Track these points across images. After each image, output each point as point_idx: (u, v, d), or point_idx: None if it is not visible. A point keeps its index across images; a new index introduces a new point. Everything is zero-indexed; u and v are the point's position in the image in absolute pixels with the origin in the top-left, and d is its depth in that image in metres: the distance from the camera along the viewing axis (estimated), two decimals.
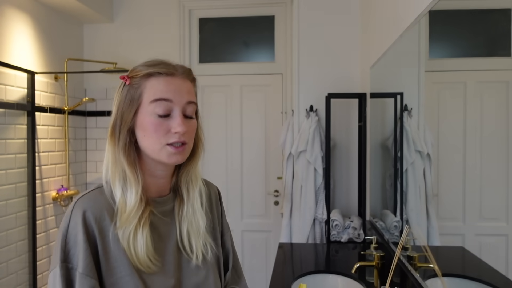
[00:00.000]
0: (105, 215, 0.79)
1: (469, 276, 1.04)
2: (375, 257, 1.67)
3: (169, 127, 0.80)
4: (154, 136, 0.79)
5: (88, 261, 0.75)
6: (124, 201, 0.80)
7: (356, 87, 2.64)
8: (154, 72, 0.80)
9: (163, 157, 0.81)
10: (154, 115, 0.79)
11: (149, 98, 0.79)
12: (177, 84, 0.81)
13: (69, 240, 0.76)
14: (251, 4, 3.20)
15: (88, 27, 3.30)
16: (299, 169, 2.57)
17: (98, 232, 0.77)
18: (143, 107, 0.80)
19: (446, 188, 1.17)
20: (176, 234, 0.87)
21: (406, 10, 1.53)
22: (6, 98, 2.42)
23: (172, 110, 0.80)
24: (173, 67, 0.83)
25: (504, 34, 0.85)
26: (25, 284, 2.58)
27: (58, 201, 2.87)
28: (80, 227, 0.76)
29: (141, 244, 0.78)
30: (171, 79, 0.81)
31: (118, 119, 0.82)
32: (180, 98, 0.80)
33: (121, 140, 0.81)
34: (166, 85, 0.80)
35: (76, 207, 0.78)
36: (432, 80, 1.28)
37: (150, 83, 0.80)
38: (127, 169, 0.80)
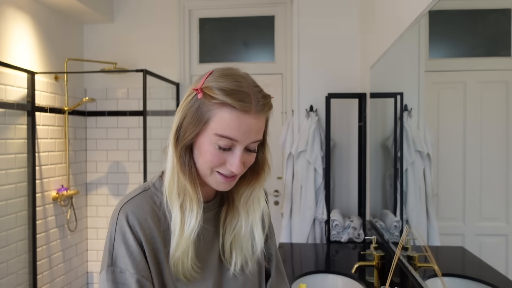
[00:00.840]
0: (150, 222, 0.78)
1: (469, 276, 1.04)
2: (375, 257, 1.67)
3: (226, 160, 0.76)
4: (208, 164, 0.76)
5: (138, 262, 0.75)
6: (182, 222, 0.77)
7: (356, 87, 2.64)
8: (229, 104, 0.72)
9: (210, 182, 0.79)
10: (215, 147, 0.75)
11: (215, 129, 0.73)
12: (249, 124, 0.74)
13: (117, 244, 0.76)
14: (251, 4, 3.20)
15: (88, 27, 3.30)
16: (299, 169, 2.57)
17: (143, 237, 0.77)
18: (206, 133, 0.75)
19: (446, 188, 1.17)
20: (219, 242, 0.86)
21: (406, 10, 1.53)
22: (6, 98, 2.42)
23: (234, 146, 0.75)
24: (250, 100, 0.74)
25: (504, 34, 0.85)
26: (25, 284, 2.58)
27: (58, 201, 2.87)
28: (128, 230, 0.76)
29: (188, 254, 0.77)
30: (244, 117, 0.73)
31: (183, 130, 0.76)
32: (246, 138, 0.75)
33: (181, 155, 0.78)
34: (237, 124, 0.73)
35: (121, 212, 0.78)
36: (432, 80, 1.28)
37: (221, 114, 0.73)
38: (189, 187, 0.77)
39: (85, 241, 3.30)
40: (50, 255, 2.84)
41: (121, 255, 0.75)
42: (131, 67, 3.19)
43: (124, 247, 0.76)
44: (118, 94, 3.27)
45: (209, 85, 0.75)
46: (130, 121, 3.26)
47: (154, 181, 0.84)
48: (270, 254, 0.99)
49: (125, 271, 0.74)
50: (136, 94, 3.22)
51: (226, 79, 0.75)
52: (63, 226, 2.98)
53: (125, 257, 0.75)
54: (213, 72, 0.78)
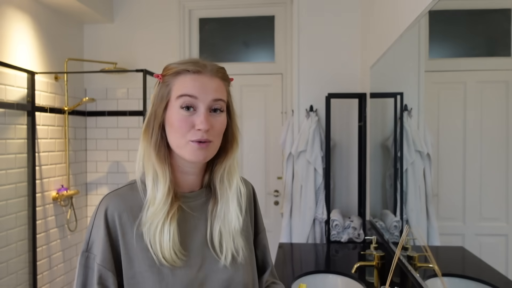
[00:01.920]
0: (130, 212, 0.82)
1: (469, 276, 1.04)
2: (375, 257, 1.67)
3: (194, 123, 0.81)
4: (179, 132, 0.81)
5: (106, 254, 0.79)
6: (154, 196, 0.82)
7: (356, 87, 2.64)
8: (182, 69, 0.82)
9: (186, 154, 0.82)
10: (179, 110, 0.81)
11: (176, 94, 0.81)
12: (203, 81, 0.82)
13: (93, 232, 0.82)
14: (251, 4, 3.20)
15: (88, 27, 3.30)
16: (299, 169, 2.57)
17: (119, 228, 0.81)
18: (171, 103, 0.82)
19: (446, 188, 1.17)
20: (206, 230, 0.87)
21: (406, 10, 1.53)
22: (6, 98, 2.42)
23: (197, 107, 0.81)
24: (202, 65, 0.83)
25: (504, 34, 0.85)
26: (25, 284, 2.58)
27: (58, 201, 2.87)
28: (102, 222, 0.80)
29: (167, 239, 0.80)
30: (197, 76, 0.82)
31: (152, 115, 0.84)
32: (205, 95, 0.81)
33: (153, 136, 0.83)
34: (193, 82, 0.81)
35: (102, 203, 0.83)
36: (432, 80, 1.28)
37: (178, 80, 0.82)
38: (156, 164, 0.82)
39: None
40: (50, 255, 2.84)
41: (95, 243, 0.81)
42: (131, 67, 3.19)
43: (98, 236, 0.81)
44: (118, 94, 3.27)
45: (165, 66, 0.86)
46: (130, 121, 3.26)
47: (140, 176, 0.87)
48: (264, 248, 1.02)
49: (95, 257, 0.80)
50: (136, 94, 3.22)
51: (180, 60, 0.86)
52: (63, 226, 2.98)
53: (98, 245, 0.80)
54: None
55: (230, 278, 0.86)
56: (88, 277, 0.80)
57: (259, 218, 1.03)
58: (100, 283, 0.78)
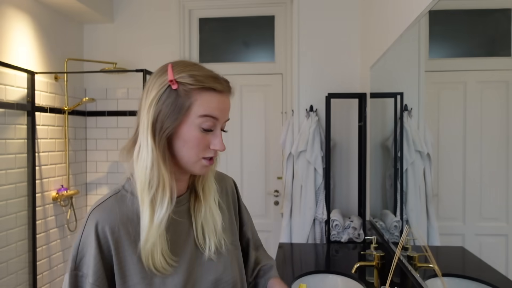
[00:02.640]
0: (122, 226, 0.79)
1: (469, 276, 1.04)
2: (375, 257, 1.67)
3: (209, 143, 0.81)
4: (195, 150, 0.80)
5: (100, 273, 0.76)
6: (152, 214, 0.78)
7: (356, 87, 2.64)
8: (209, 87, 0.79)
9: (196, 169, 0.83)
10: (199, 130, 0.79)
11: (199, 111, 0.78)
12: (226, 103, 0.82)
13: (81, 249, 0.77)
14: (251, 4, 3.20)
15: (88, 27, 3.30)
16: (299, 169, 2.57)
17: (112, 243, 0.77)
18: (189, 119, 0.78)
19: (446, 188, 1.17)
20: (193, 231, 0.88)
21: (406, 10, 1.53)
22: (6, 98, 2.42)
23: (215, 128, 0.81)
24: (221, 82, 0.81)
25: (504, 34, 0.85)
26: (25, 284, 2.58)
27: (58, 201, 2.87)
28: (93, 239, 0.76)
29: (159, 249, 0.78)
30: (222, 97, 0.81)
31: (159, 123, 0.78)
32: (224, 117, 0.82)
33: (161, 146, 0.78)
34: (218, 103, 0.80)
35: (90, 218, 0.78)
36: (432, 80, 1.28)
37: (203, 97, 0.78)
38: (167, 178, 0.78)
39: None
40: (50, 255, 2.84)
41: (84, 261, 0.77)
42: (131, 67, 3.19)
43: (88, 253, 0.76)
44: (118, 94, 3.27)
45: (181, 75, 0.78)
46: (130, 121, 3.26)
47: (123, 184, 0.84)
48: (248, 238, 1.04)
49: (86, 276, 0.76)
50: (136, 94, 3.22)
51: (193, 67, 0.80)
52: (63, 226, 2.98)
53: (88, 263, 0.76)
54: (174, 65, 0.81)
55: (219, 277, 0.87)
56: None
57: (243, 210, 1.05)
58: None
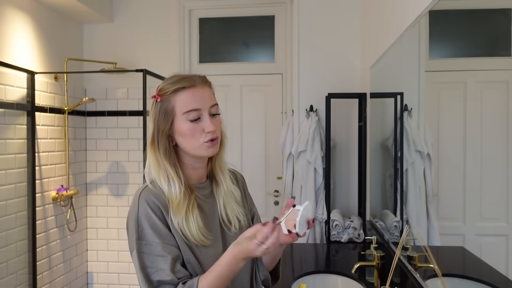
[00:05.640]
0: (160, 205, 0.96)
1: (469, 276, 1.04)
2: (375, 257, 1.67)
3: (202, 128, 0.97)
4: (193, 139, 0.97)
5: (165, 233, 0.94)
6: (172, 194, 0.97)
7: (356, 87, 2.64)
8: (178, 88, 0.97)
9: (202, 153, 0.99)
10: (188, 122, 0.97)
11: (181, 110, 0.97)
12: (200, 93, 0.98)
13: (141, 223, 0.94)
14: (251, 4, 3.20)
15: (88, 27, 3.29)
16: (299, 169, 2.57)
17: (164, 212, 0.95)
18: (177, 118, 0.97)
19: (446, 188, 1.17)
20: (218, 211, 1.05)
21: (406, 10, 1.53)
22: (6, 98, 2.42)
23: (201, 115, 0.98)
24: (192, 79, 0.99)
25: (504, 34, 0.85)
26: (25, 284, 2.58)
27: (58, 201, 2.87)
28: (150, 211, 0.94)
29: (194, 224, 0.96)
30: (193, 90, 0.98)
31: (155, 129, 0.99)
32: (204, 104, 0.98)
33: (161, 147, 0.99)
34: (193, 97, 0.97)
35: (141, 197, 0.96)
36: (432, 80, 1.28)
37: (178, 97, 0.97)
38: (170, 169, 0.98)
39: (85, 241, 3.30)
40: (50, 255, 2.84)
41: (146, 231, 0.93)
42: (131, 67, 3.19)
43: (148, 224, 0.93)
44: (118, 94, 3.27)
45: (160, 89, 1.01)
46: (130, 121, 3.26)
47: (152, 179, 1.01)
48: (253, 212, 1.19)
49: (150, 243, 0.92)
50: (136, 94, 3.22)
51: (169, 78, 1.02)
52: (63, 226, 2.98)
53: (149, 231, 0.93)
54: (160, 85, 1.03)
55: None
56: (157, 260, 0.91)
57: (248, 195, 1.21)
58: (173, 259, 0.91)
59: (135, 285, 3.27)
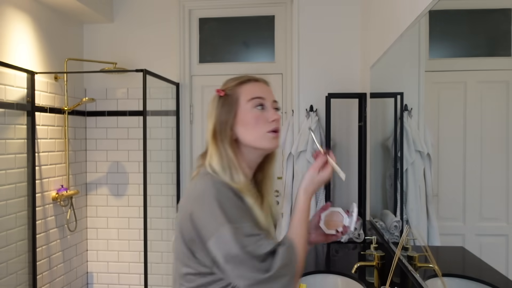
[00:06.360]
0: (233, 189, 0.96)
1: (469, 276, 1.04)
2: (375, 257, 1.67)
3: (267, 117, 1.00)
4: (256, 127, 0.99)
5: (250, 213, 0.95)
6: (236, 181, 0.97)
7: (356, 87, 2.64)
8: (244, 80, 1.03)
9: (265, 143, 1.01)
10: (253, 110, 1.00)
11: (246, 98, 1.00)
12: (264, 87, 1.05)
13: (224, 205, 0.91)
14: (251, 4, 3.20)
15: (88, 27, 3.29)
16: (299, 169, 2.57)
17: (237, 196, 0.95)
18: (241, 107, 1.00)
19: (446, 188, 1.17)
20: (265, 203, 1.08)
21: (406, 10, 1.53)
22: (6, 98, 2.42)
23: (265, 106, 1.02)
24: (254, 76, 1.06)
25: (504, 34, 0.85)
26: (25, 284, 2.58)
27: (58, 201, 2.87)
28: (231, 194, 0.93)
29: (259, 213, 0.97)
30: (259, 84, 1.05)
31: (218, 124, 1.00)
32: (269, 96, 1.03)
33: (225, 138, 0.99)
34: (258, 87, 1.03)
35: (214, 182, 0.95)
36: (432, 80, 1.28)
37: (244, 88, 1.02)
38: (233, 159, 0.98)
39: (85, 241, 3.30)
40: (50, 255, 2.84)
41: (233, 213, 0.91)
42: (131, 67, 3.19)
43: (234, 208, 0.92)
44: (118, 94, 3.27)
45: (224, 85, 1.05)
46: (130, 121, 3.26)
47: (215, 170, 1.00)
48: None
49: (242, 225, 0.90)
50: (136, 94, 3.22)
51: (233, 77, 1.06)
52: (63, 226, 2.98)
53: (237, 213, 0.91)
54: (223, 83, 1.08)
55: None
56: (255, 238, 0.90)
57: None
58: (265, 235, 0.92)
59: (135, 285, 3.27)
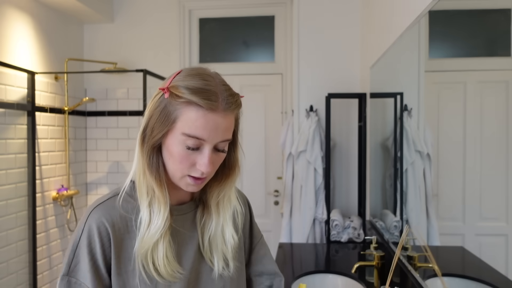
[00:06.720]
0: (120, 228, 0.77)
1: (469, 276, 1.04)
2: (375, 257, 1.67)
3: (195, 161, 0.75)
4: (179, 166, 0.75)
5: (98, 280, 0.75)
6: (149, 217, 0.76)
7: (356, 87, 2.64)
8: (195, 102, 0.71)
9: (182, 185, 0.78)
10: (183, 147, 0.74)
11: (182, 129, 0.72)
12: (216, 122, 0.73)
13: (78, 253, 0.75)
14: (251, 4, 3.20)
15: (88, 27, 3.30)
16: (299, 169, 2.57)
17: (114, 246, 0.76)
18: (174, 133, 0.74)
19: (446, 188, 1.17)
20: (198, 242, 0.84)
21: (406, 10, 1.53)
22: (6, 98, 2.42)
23: (202, 146, 0.74)
24: (217, 99, 0.72)
25: (504, 34, 0.85)
26: (25, 284, 2.58)
27: (58, 201, 2.87)
28: (96, 239, 0.75)
29: (161, 256, 0.76)
30: (211, 116, 0.72)
31: (149, 129, 0.76)
32: (214, 137, 0.74)
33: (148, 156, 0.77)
34: (203, 123, 0.72)
35: (90, 218, 0.76)
36: (432, 80, 1.28)
37: (188, 113, 0.72)
38: (155, 186, 0.76)
39: None
40: (50, 255, 2.84)
41: (82, 266, 0.74)
42: (131, 67, 3.19)
43: (87, 258, 0.74)
44: (118, 94, 3.27)
45: (175, 84, 0.73)
46: (130, 121, 3.26)
47: (125, 187, 0.81)
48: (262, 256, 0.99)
49: (82, 285, 0.73)
50: (136, 94, 3.22)
51: (193, 78, 0.74)
52: (63, 226, 2.98)
53: (86, 269, 0.74)
54: (181, 71, 0.77)
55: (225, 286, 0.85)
56: None
57: (255, 230, 1.00)
58: None
59: None
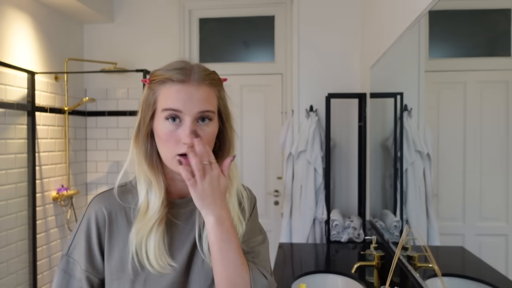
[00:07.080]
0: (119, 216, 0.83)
1: (469, 276, 1.04)
2: (375, 257, 1.67)
3: (179, 137, 0.76)
4: (166, 145, 0.77)
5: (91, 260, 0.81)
6: (147, 204, 0.80)
7: (356, 87, 2.64)
8: (167, 78, 0.76)
9: (174, 167, 0.78)
10: (164, 123, 0.76)
11: (161, 105, 0.77)
12: (189, 92, 0.76)
13: (77, 237, 0.82)
14: (251, 4, 3.20)
15: (88, 27, 3.30)
16: (299, 169, 2.57)
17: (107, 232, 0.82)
18: (157, 114, 0.78)
19: (446, 188, 1.17)
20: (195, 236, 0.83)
21: (406, 10, 1.53)
22: (6, 98, 2.42)
23: (182, 119, 0.76)
24: (187, 72, 0.77)
25: (504, 34, 0.85)
26: (25, 284, 2.58)
27: (58, 201, 2.87)
28: (93, 225, 0.82)
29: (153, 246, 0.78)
30: (182, 87, 0.76)
31: (141, 121, 0.80)
32: (190, 108, 0.75)
33: (143, 145, 0.81)
34: (177, 94, 0.75)
35: (90, 206, 0.84)
36: (432, 80, 1.28)
37: (163, 90, 0.77)
38: (150, 174, 0.80)
39: None
40: (50, 255, 2.84)
41: (79, 248, 0.81)
42: (131, 67, 3.19)
43: (84, 240, 0.81)
44: (118, 94, 3.27)
45: (152, 72, 0.81)
46: (130, 121, 3.26)
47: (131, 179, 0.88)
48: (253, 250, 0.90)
49: (77, 264, 0.81)
50: (136, 94, 3.22)
51: (167, 64, 0.80)
52: (63, 226, 2.98)
53: (82, 250, 0.81)
54: None
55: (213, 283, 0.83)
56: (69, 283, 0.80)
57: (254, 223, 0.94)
58: None
59: None
